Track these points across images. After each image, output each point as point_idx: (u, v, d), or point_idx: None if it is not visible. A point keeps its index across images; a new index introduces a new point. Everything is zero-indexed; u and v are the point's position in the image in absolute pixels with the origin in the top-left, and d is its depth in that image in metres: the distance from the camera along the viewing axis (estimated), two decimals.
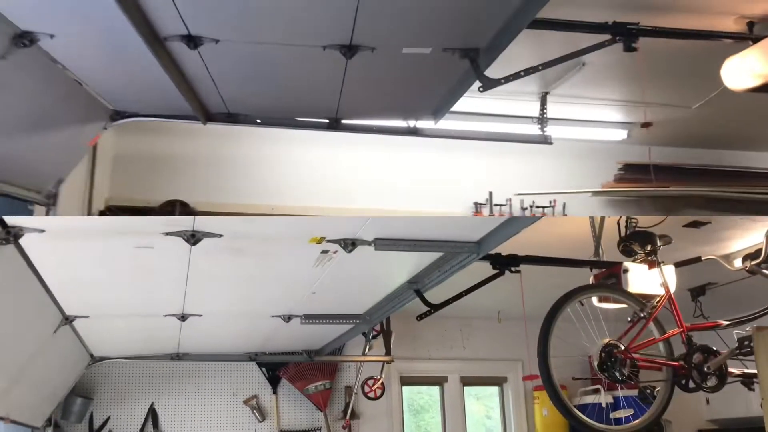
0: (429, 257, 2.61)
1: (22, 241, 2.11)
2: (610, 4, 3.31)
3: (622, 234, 3.23)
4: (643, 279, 3.06)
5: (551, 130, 4.86)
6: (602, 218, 3.50)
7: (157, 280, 2.71)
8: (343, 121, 3.94)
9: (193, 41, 2.65)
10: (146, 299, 3.07)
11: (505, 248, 3.84)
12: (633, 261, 3.12)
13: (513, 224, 2.31)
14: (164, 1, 2.33)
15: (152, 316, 3.31)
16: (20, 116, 3.07)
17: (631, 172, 5.64)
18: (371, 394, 5.06)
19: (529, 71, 3.22)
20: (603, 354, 2.78)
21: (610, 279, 3.10)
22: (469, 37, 2.71)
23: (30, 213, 3.65)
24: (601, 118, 5.26)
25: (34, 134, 3.27)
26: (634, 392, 3.14)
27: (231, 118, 3.83)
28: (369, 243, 2.27)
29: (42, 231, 2.06)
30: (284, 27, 2.62)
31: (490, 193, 5.58)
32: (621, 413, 3.99)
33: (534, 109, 4.80)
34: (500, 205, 5.56)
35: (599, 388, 5.14)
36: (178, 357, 4.54)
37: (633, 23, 3.20)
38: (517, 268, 3.08)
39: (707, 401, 5.94)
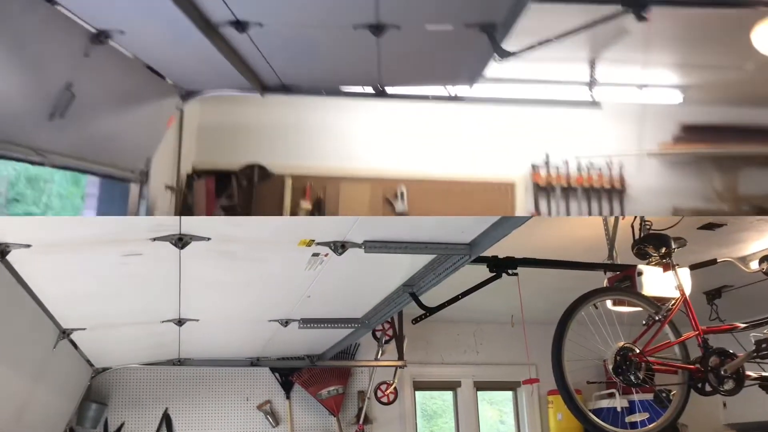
0: (422, 260, 2.60)
1: (9, 257, 2.10)
2: None
3: (637, 236, 3.20)
4: (658, 282, 3.04)
5: (608, 94, 4.99)
6: (616, 220, 3.48)
7: (150, 287, 2.71)
8: (389, 90, 4.28)
9: (240, 26, 2.97)
10: (142, 306, 3.07)
11: (514, 251, 3.84)
12: (647, 264, 3.10)
13: (504, 225, 2.31)
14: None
15: (149, 323, 3.33)
16: (109, 105, 3.53)
17: (689, 132, 5.60)
18: (384, 399, 5.05)
19: (542, 43, 3.32)
20: (618, 357, 2.75)
21: (625, 282, 3.08)
22: (486, 12, 2.87)
23: (126, 193, 4.20)
24: (655, 81, 5.17)
25: (122, 120, 3.72)
26: (650, 396, 3.10)
27: (285, 89, 4.25)
28: (359, 245, 2.27)
29: (28, 246, 2.05)
30: (317, 10, 2.87)
31: (547, 155, 5.65)
32: (636, 417, 3.97)
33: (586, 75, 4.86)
34: (557, 167, 5.64)
35: (614, 392, 5.11)
36: (179, 362, 4.55)
37: None
38: (515, 271, 3.03)
39: (724, 405, 5.88)
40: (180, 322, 3.29)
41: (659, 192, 5.61)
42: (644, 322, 2.96)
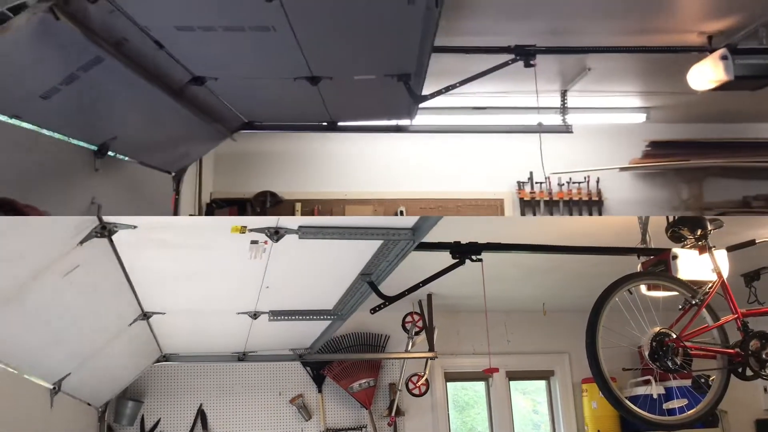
0: (370, 247, 2.57)
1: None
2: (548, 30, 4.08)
3: (671, 219, 3.13)
4: (694, 265, 2.96)
5: (580, 119, 5.78)
6: None
7: (98, 289, 2.72)
8: (339, 123, 4.89)
9: (199, 80, 3.56)
10: (93, 309, 3.06)
11: (544, 238, 3.79)
12: (682, 247, 3.03)
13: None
14: (172, 62, 3.24)
15: (120, 318, 3.35)
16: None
17: (656, 148, 6.24)
18: (416, 391, 5.03)
19: (449, 88, 4.04)
20: (654, 343, 2.70)
21: (659, 266, 3.01)
22: (399, 65, 3.49)
23: None
24: (620, 105, 5.94)
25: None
26: (688, 382, 3.04)
27: (248, 126, 4.84)
28: (294, 231, 2.27)
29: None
30: (259, 66, 3.47)
31: (531, 173, 6.28)
32: (674, 404, 3.89)
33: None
34: (540, 183, 6.29)
35: (650, 379, 5.02)
36: (165, 359, 4.61)
37: (530, 45, 3.95)
38: (479, 257, 2.94)
39: (765, 390, 5.77)
40: (146, 316, 3.32)
41: (632, 202, 6.34)
42: (680, 307, 2.90)
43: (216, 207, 6.09)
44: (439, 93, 3.98)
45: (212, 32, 2.91)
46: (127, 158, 4.11)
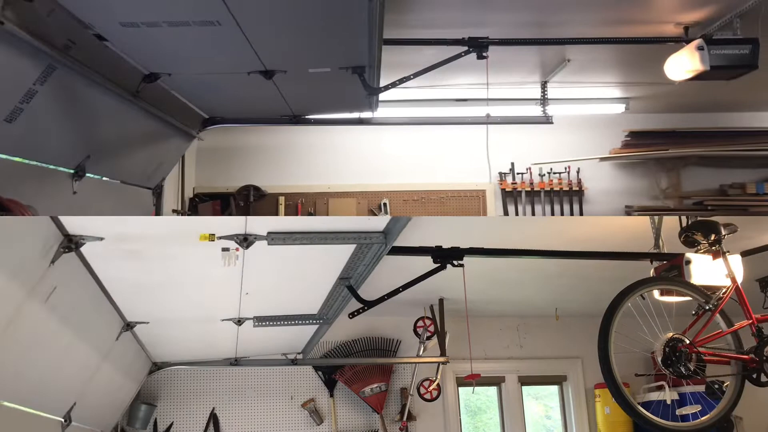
0: (345, 251, 2.57)
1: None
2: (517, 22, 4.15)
3: (684, 224, 3.11)
4: (708, 270, 2.94)
5: (561, 110, 5.88)
6: None
7: (81, 301, 2.72)
8: (303, 117, 4.97)
9: (152, 77, 3.58)
10: (77, 319, 3.04)
11: (558, 243, 3.78)
12: (696, 251, 3.01)
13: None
14: (123, 61, 3.29)
15: (107, 332, 3.36)
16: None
17: (636, 138, 6.32)
18: (427, 396, 5.03)
19: (403, 80, 4.05)
20: (667, 349, 2.68)
21: (672, 271, 3.00)
22: (352, 57, 3.49)
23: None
24: (599, 96, 6.00)
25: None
26: (701, 388, 3.01)
27: (210, 121, 4.92)
28: (263, 237, 2.27)
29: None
30: (211, 62, 3.47)
31: (512, 164, 6.38)
32: (688, 409, 3.86)
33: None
34: (521, 174, 6.36)
35: (663, 385, 4.99)
36: (156, 367, 4.65)
37: (483, 37, 4.02)
38: (461, 262, 2.95)
39: None
40: (129, 326, 3.33)
41: (612, 192, 6.42)
42: (694, 312, 2.88)
43: (199, 201, 6.06)
44: (393, 85, 4.01)
45: (157, 28, 2.89)
46: (104, 178, 4.07)
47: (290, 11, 2.86)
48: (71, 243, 2.11)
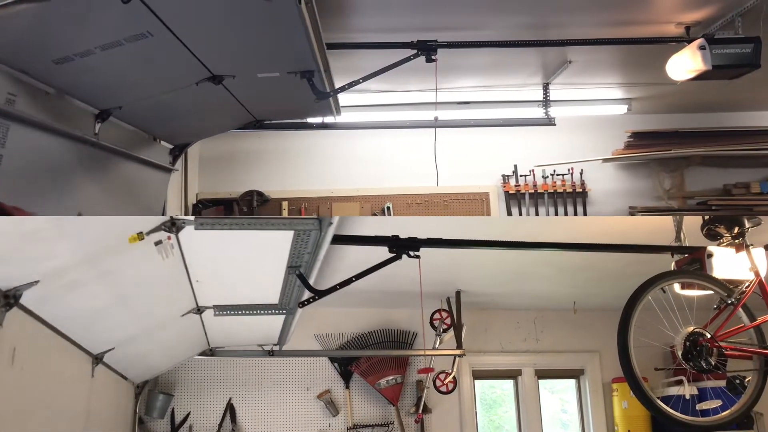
0: (285, 238, 2.53)
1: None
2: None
3: (706, 217, 3.07)
4: (730, 263, 2.91)
5: (564, 111, 5.92)
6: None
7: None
8: (265, 122, 4.98)
9: (104, 114, 3.55)
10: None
11: (578, 236, 3.75)
12: (718, 245, 2.97)
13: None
14: (70, 103, 3.21)
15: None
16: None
17: (638, 138, 6.31)
18: (443, 389, 5.01)
19: (352, 84, 4.04)
20: (687, 343, 2.65)
21: (694, 265, 2.96)
22: (300, 62, 3.47)
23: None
24: (601, 97, 6.02)
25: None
26: (722, 383, 2.97)
27: (178, 148, 4.88)
28: (191, 223, 2.26)
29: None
30: (156, 79, 3.38)
31: (515, 166, 6.38)
32: (708, 404, 3.81)
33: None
34: (525, 176, 6.36)
35: (683, 379, 4.94)
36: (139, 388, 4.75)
37: (432, 40, 4.03)
38: (417, 253, 2.88)
39: None
40: (98, 359, 3.37)
41: (616, 194, 6.41)
42: (715, 306, 2.85)
43: (202, 207, 6.10)
44: (342, 89, 4.06)
45: (92, 56, 2.77)
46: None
47: (222, 15, 2.81)
48: (7, 299, 2.07)
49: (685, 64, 4.01)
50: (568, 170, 6.32)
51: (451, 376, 5.00)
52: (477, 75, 5.26)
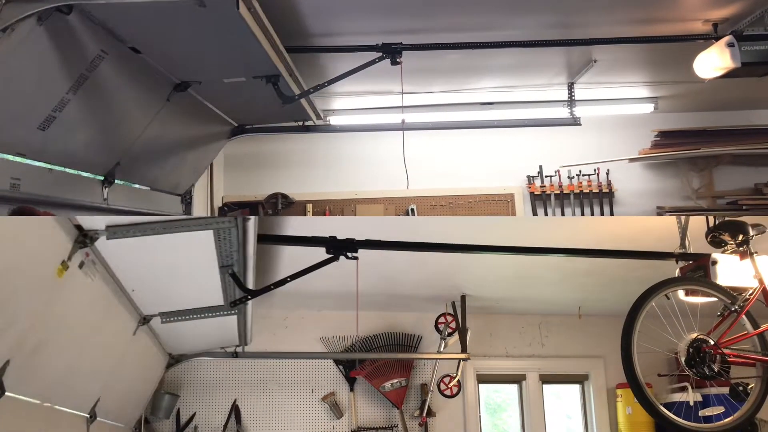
0: (208, 239, 2.51)
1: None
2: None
3: (711, 224, 3.08)
4: (734, 271, 2.91)
5: (589, 111, 5.87)
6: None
7: None
8: (247, 126, 5.25)
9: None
10: None
11: (586, 241, 3.76)
12: (723, 252, 2.98)
13: None
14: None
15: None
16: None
17: (665, 137, 6.26)
18: (447, 392, 5.03)
19: (317, 87, 4.15)
20: (691, 349, 2.66)
21: (698, 271, 2.97)
22: (265, 67, 3.59)
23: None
24: (627, 96, 5.93)
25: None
26: (725, 389, 2.98)
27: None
28: (102, 231, 2.23)
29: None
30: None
31: (540, 167, 6.37)
32: (711, 411, 3.83)
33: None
34: (550, 177, 6.36)
35: (687, 386, 4.94)
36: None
37: (396, 43, 4.05)
38: (355, 254, 2.85)
39: None
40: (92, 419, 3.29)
41: (643, 194, 6.37)
42: (719, 313, 2.85)
43: (228, 210, 6.21)
44: (306, 93, 4.11)
45: (69, 105, 2.95)
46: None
47: (177, 27, 2.96)
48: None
49: (713, 62, 3.97)
50: (594, 170, 6.29)
51: (456, 379, 5.02)
52: (501, 75, 5.26)
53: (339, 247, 2.83)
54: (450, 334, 5.16)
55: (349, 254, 2.85)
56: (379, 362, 5.41)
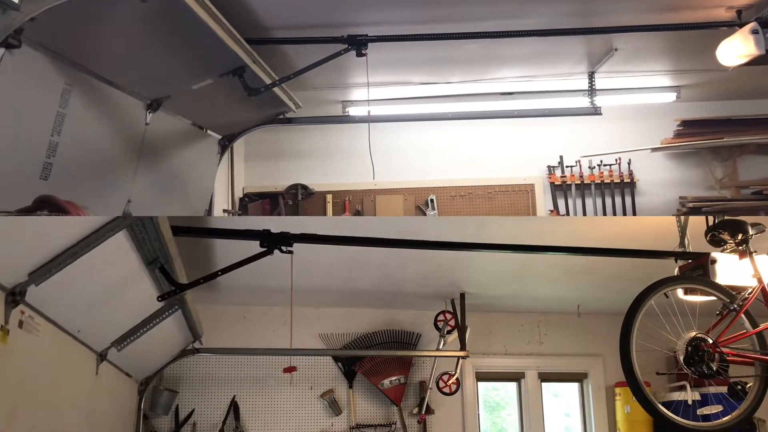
0: (121, 239, 2.42)
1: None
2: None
3: (710, 223, 3.08)
4: (734, 270, 2.91)
5: (610, 101, 5.74)
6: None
7: None
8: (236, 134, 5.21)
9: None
10: None
11: (584, 240, 3.76)
12: (722, 251, 2.98)
13: None
14: None
15: None
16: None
17: (688, 127, 6.18)
18: (446, 390, 5.03)
19: (283, 80, 4.18)
20: (689, 348, 2.66)
21: (697, 270, 2.97)
22: (230, 63, 3.63)
23: None
24: (649, 85, 5.82)
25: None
26: (724, 388, 2.98)
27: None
28: (28, 282, 2.15)
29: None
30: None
31: (561, 157, 6.30)
32: (709, 410, 3.83)
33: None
34: (570, 167, 6.29)
35: (685, 384, 4.95)
36: None
37: (362, 35, 4.04)
38: (290, 248, 2.76)
39: None
40: None
41: (666, 184, 6.27)
42: (718, 312, 2.85)
43: (249, 201, 6.22)
44: (273, 85, 4.11)
45: (59, 148, 2.88)
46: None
47: (127, 31, 2.88)
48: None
49: (737, 49, 3.88)
50: (616, 160, 6.20)
51: (455, 377, 5.02)
52: (521, 65, 5.19)
53: (273, 241, 2.74)
54: (449, 332, 5.17)
55: (284, 248, 2.75)
56: (378, 359, 5.42)
